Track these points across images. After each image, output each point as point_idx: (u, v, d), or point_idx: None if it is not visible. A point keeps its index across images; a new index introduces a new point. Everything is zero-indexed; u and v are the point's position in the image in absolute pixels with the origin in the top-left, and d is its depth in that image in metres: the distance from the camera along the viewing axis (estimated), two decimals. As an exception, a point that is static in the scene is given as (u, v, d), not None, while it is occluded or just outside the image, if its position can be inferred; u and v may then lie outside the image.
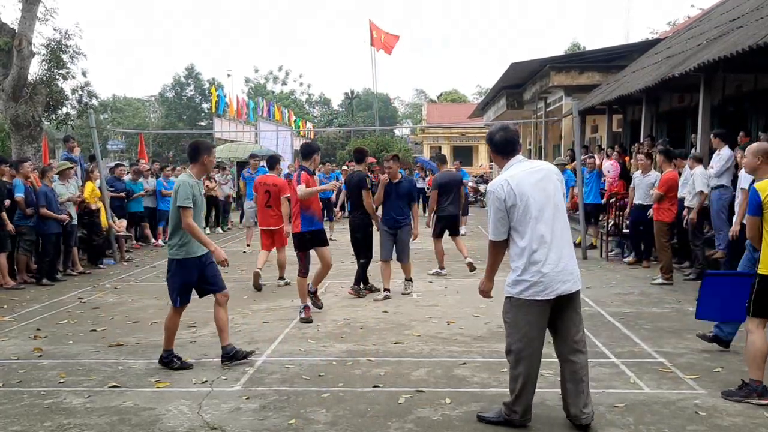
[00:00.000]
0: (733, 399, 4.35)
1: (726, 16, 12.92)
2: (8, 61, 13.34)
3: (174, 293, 5.19)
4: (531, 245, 3.72)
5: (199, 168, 5.25)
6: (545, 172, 3.84)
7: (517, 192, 3.71)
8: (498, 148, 3.95)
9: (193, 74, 56.82)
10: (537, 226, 3.71)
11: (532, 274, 3.72)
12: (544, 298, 3.73)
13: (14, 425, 4.12)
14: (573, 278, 3.78)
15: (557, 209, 3.79)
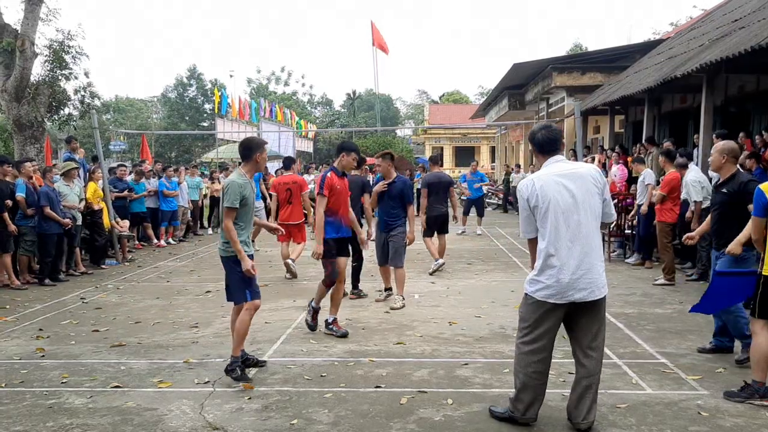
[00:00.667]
0: (735, 400, 4.34)
1: (728, 17, 12.91)
2: (11, 61, 13.37)
3: (243, 288, 4.90)
4: (549, 249, 3.70)
5: (251, 166, 5.02)
6: (578, 175, 3.75)
7: (541, 193, 3.70)
8: (539, 147, 3.91)
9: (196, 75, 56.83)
10: (558, 229, 3.68)
11: (547, 277, 3.71)
12: (557, 302, 3.72)
13: (17, 425, 4.12)
14: (592, 287, 3.71)
15: (586, 215, 3.70)
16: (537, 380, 3.87)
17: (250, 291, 4.91)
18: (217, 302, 7.81)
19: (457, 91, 68.40)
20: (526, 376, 3.86)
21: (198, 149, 51.89)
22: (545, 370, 3.88)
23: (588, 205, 3.72)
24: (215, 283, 9.05)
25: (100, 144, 11.84)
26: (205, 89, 55.22)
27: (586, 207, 3.71)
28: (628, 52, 19.26)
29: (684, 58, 11.67)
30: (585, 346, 3.83)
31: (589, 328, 3.83)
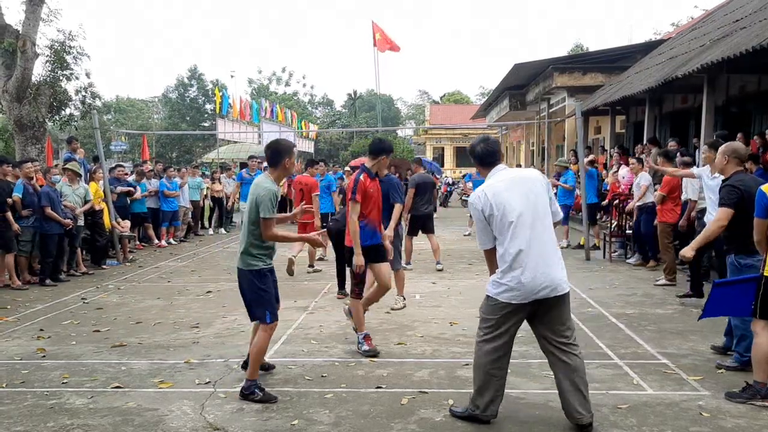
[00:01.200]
0: (736, 400, 4.34)
1: (729, 17, 12.90)
2: (12, 62, 13.39)
3: (263, 308, 4.61)
4: (509, 252, 3.79)
5: (280, 172, 4.73)
6: (526, 180, 3.91)
7: (494, 202, 3.81)
8: (480, 160, 4.07)
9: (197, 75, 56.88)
10: (515, 233, 3.77)
11: (509, 279, 3.80)
12: (520, 302, 3.81)
13: (17, 425, 4.12)
14: (553, 284, 3.79)
15: (538, 216, 3.82)
16: (497, 378, 3.94)
17: (269, 313, 4.62)
18: (218, 302, 7.81)
19: (458, 92, 68.43)
20: (486, 374, 3.93)
21: (199, 150, 51.93)
22: (505, 368, 3.98)
23: (539, 206, 3.85)
24: (216, 284, 9.06)
25: (101, 144, 11.84)
26: (206, 89, 55.25)
27: (538, 208, 3.84)
28: (629, 52, 19.24)
29: (685, 58, 11.66)
30: (558, 342, 3.88)
31: (559, 323, 3.89)
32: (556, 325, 3.89)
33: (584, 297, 7.80)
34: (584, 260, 10.72)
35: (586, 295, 7.88)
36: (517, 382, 4.79)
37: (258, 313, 4.65)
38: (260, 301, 4.62)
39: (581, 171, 11.67)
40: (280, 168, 4.71)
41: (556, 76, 19.28)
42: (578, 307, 7.26)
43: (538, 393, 4.56)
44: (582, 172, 11.55)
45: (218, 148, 28.41)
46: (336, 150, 49.91)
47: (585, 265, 10.27)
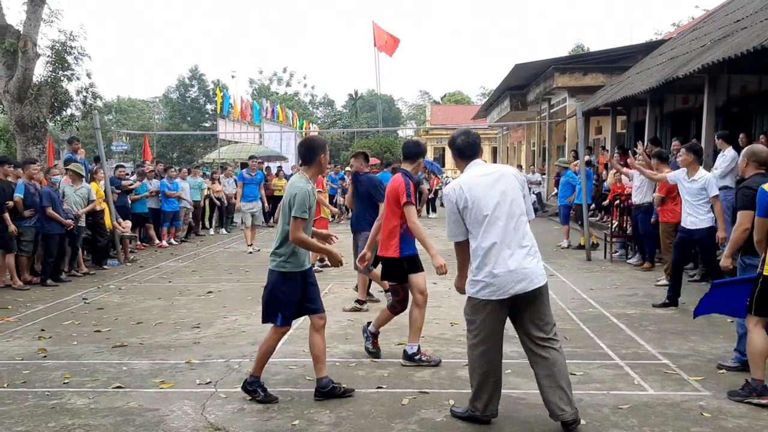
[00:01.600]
0: (735, 398, 4.35)
1: (730, 17, 12.89)
2: (13, 62, 13.40)
3: (276, 310, 4.47)
4: (482, 246, 3.81)
5: (315, 170, 4.57)
6: (500, 175, 3.93)
7: (469, 195, 3.83)
8: (460, 152, 4.08)
9: (197, 75, 56.91)
10: (488, 227, 3.80)
11: (485, 275, 3.80)
12: (499, 298, 3.79)
13: (19, 426, 4.13)
14: (529, 277, 3.77)
15: (513, 212, 3.83)
16: (492, 378, 3.94)
17: (282, 316, 4.48)
18: (219, 303, 7.82)
19: (459, 92, 68.43)
20: (481, 376, 3.93)
21: (200, 150, 51.94)
22: (498, 367, 3.97)
23: (514, 202, 3.86)
24: (217, 284, 9.06)
25: (102, 145, 11.85)
26: (207, 90, 55.28)
27: (512, 203, 3.85)
28: (630, 52, 19.24)
29: (686, 58, 11.66)
30: (536, 338, 3.86)
31: (537, 318, 3.86)
32: (535, 319, 3.87)
33: (585, 297, 7.80)
34: (585, 260, 10.71)
35: (587, 296, 7.88)
36: (518, 383, 4.80)
37: (269, 313, 4.51)
38: (275, 302, 4.47)
39: (581, 171, 11.66)
40: (315, 165, 4.55)
41: (556, 77, 19.28)
42: (579, 307, 7.26)
43: (538, 393, 4.55)
44: (582, 172, 11.53)
45: (219, 149, 28.41)
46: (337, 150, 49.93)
47: (586, 266, 10.26)
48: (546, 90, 21.04)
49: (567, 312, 7.05)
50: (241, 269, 10.43)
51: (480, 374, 3.93)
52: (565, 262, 10.49)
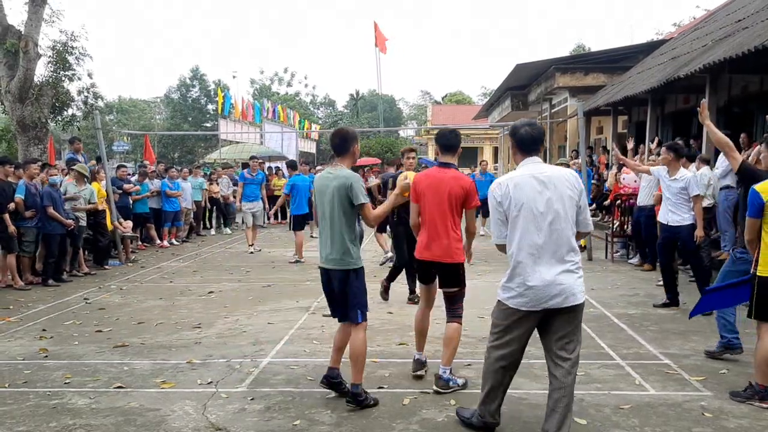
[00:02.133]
0: (737, 399, 4.36)
1: (731, 17, 12.89)
2: (14, 62, 13.42)
3: (357, 306, 4.38)
4: (519, 254, 3.55)
5: (350, 160, 4.46)
6: (556, 179, 3.55)
7: (514, 195, 3.55)
8: (522, 144, 3.69)
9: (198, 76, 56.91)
10: (528, 235, 3.52)
11: (518, 284, 3.57)
12: (530, 309, 3.57)
13: (20, 425, 4.13)
14: (565, 293, 3.50)
15: (559, 220, 3.51)
16: (505, 385, 3.82)
17: (363, 310, 4.41)
18: (220, 303, 7.82)
19: (460, 92, 68.38)
20: (494, 381, 3.78)
21: (201, 150, 51.94)
22: (512, 375, 3.82)
23: (562, 211, 3.52)
24: (218, 284, 9.07)
25: (103, 145, 11.86)
26: (208, 90, 55.29)
27: (560, 212, 3.52)
28: (631, 52, 19.23)
29: (687, 58, 11.66)
30: (555, 355, 3.62)
31: (559, 336, 3.60)
32: (561, 337, 3.60)
33: (586, 297, 7.78)
34: (586, 260, 10.71)
35: (588, 296, 7.87)
36: (520, 383, 4.79)
37: (353, 312, 4.38)
38: (363, 300, 4.40)
39: (583, 170, 11.65)
40: (349, 155, 4.46)
41: (558, 77, 19.28)
42: (580, 307, 7.26)
43: (540, 393, 4.55)
44: (584, 172, 11.52)
45: (220, 149, 28.42)
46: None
47: (587, 266, 10.24)
48: (547, 90, 21.04)
49: (568, 312, 7.05)
50: (242, 269, 10.43)
51: (494, 379, 3.77)
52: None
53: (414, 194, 4.75)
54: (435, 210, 4.65)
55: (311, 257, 11.51)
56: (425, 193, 4.70)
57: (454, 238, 4.66)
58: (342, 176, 4.32)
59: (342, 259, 4.34)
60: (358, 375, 4.37)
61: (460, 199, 4.65)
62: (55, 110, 14.75)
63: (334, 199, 4.31)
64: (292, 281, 9.29)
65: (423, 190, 4.71)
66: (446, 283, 4.71)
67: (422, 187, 4.72)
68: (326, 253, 4.39)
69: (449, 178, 4.68)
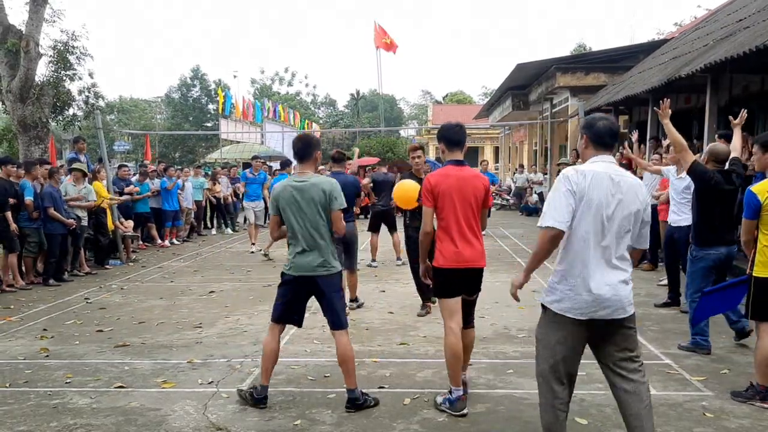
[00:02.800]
0: (738, 399, 4.36)
1: (732, 17, 12.88)
2: (15, 62, 13.42)
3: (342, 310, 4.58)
4: (576, 255, 3.25)
5: (314, 165, 4.50)
6: (628, 185, 3.26)
7: (589, 189, 3.20)
8: (598, 138, 3.35)
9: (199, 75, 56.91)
10: (592, 236, 3.21)
11: (569, 287, 3.26)
12: (577, 317, 3.25)
13: (21, 425, 4.13)
14: (617, 305, 3.23)
15: (621, 228, 3.24)
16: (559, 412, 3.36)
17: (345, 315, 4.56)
18: (221, 303, 7.82)
19: (461, 92, 68.36)
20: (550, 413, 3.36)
21: (202, 150, 51.95)
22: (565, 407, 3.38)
23: (627, 219, 3.25)
24: (219, 284, 9.07)
25: (104, 144, 11.87)
26: (209, 90, 55.30)
27: (624, 220, 3.24)
28: (632, 52, 19.21)
29: (688, 58, 11.64)
30: (621, 369, 3.34)
31: (620, 348, 3.34)
32: (620, 349, 3.33)
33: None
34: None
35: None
36: (520, 382, 4.80)
37: (342, 317, 4.45)
38: (341, 303, 4.50)
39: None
40: (312, 161, 4.46)
41: (558, 76, 19.27)
42: (581, 307, 7.25)
43: (540, 393, 4.56)
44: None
45: (221, 148, 28.44)
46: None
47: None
48: (548, 90, 21.03)
49: (569, 312, 7.05)
50: (243, 269, 10.43)
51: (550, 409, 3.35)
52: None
53: (430, 197, 4.31)
54: (462, 213, 4.29)
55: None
56: (448, 196, 4.28)
57: (481, 240, 4.41)
58: (322, 181, 4.36)
59: (326, 264, 4.35)
60: (352, 379, 4.35)
61: (482, 198, 4.38)
62: (56, 110, 14.74)
63: (317, 204, 4.29)
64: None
65: (444, 192, 4.28)
66: (473, 289, 4.42)
67: (442, 189, 4.28)
68: (308, 260, 4.33)
69: (471, 177, 4.37)
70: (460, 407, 4.23)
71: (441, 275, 4.32)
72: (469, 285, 4.38)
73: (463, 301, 4.38)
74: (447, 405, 4.26)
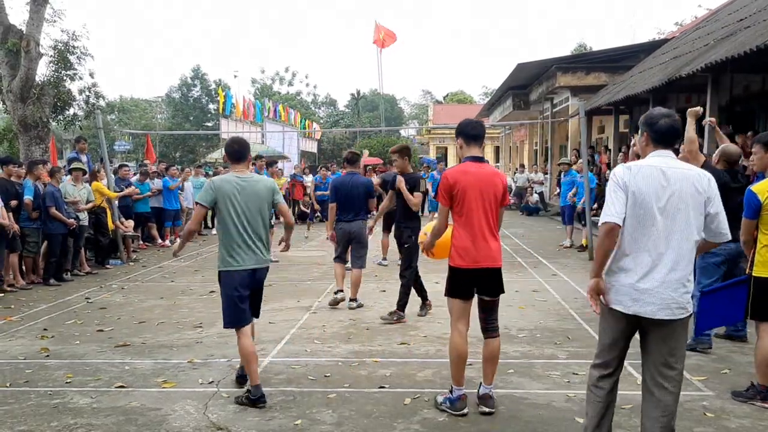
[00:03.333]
0: (739, 399, 4.36)
1: (733, 16, 12.87)
2: (16, 62, 13.43)
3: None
4: (625, 248, 3.22)
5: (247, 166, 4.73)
6: (685, 178, 3.19)
7: (638, 184, 3.17)
8: (660, 135, 3.31)
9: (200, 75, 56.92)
10: (642, 230, 3.17)
11: (616, 278, 3.25)
12: (620, 309, 3.24)
13: (21, 425, 4.13)
14: (664, 304, 3.14)
15: (678, 223, 3.16)
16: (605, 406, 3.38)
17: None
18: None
19: (462, 91, 68.36)
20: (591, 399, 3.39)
21: (202, 149, 51.97)
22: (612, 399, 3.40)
23: (683, 212, 3.17)
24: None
25: (104, 144, 11.87)
26: (209, 89, 55.31)
27: (681, 214, 3.17)
28: (633, 51, 19.21)
29: (689, 57, 11.64)
30: (655, 372, 3.28)
31: (659, 351, 3.25)
32: (663, 351, 3.25)
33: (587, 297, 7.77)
34: (588, 260, 10.69)
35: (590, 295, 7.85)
36: (520, 382, 4.79)
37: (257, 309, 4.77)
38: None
39: (584, 170, 11.63)
40: (246, 162, 4.68)
41: (559, 76, 19.27)
42: (581, 307, 7.25)
43: (540, 393, 4.56)
44: (585, 172, 11.50)
45: (221, 148, 28.42)
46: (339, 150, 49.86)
47: (588, 265, 10.24)
48: (548, 89, 21.03)
49: (569, 311, 7.05)
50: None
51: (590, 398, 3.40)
52: (567, 262, 10.47)
53: (447, 196, 4.18)
54: (482, 211, 4.16)
55: (305, 257, 11.54)
56: (468, 193, 4.14)
57: (498, 239, 4.28)
58: (264, 179, 4.69)
59: (266, 256, 4.61)
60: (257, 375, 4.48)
61: (500, 196, 4.27)
62: (56, 110, 14.75)
63: (261, 200, 4.54)
64: (293, 281, 9.29)
65: (463, 190, 4.13)
66: (491, 290, 4.24)
67: (462, 187, 4.13)
68: (254, 254, 4.50)
69: (491, 175, 4.27)
70: (461, 407, 4.19)
71: (456, 275, 4.20)
72: (486, 285, 4.22)
73: (483, 303, 4.28)
74: (448, 404, 4.23)
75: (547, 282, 8.69)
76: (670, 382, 3.25)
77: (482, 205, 4.17)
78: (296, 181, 18.68)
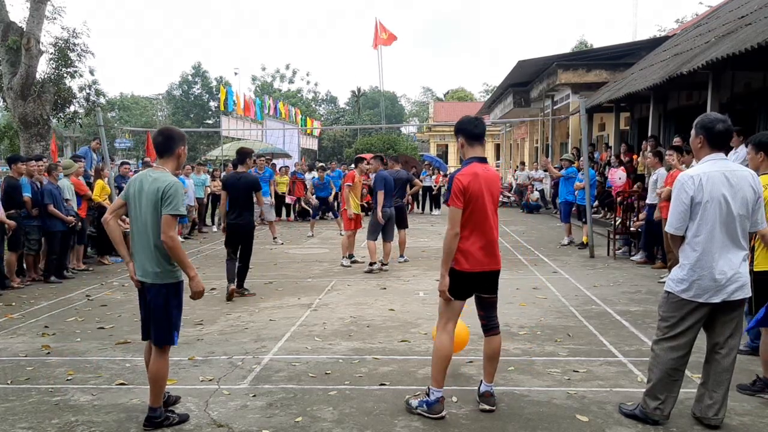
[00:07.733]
0: (746, 392, 4.38)
1: (734, 13, 12.86)
2: (16, 59, 13.44)
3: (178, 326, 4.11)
4: (701, 249, 3.69)
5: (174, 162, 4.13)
6: (741, 178, 3.71)
7: (707, 190, 3.65)
8: (716, 139, 3.76)
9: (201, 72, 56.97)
10: (714, 231, 3.66)
11: (697, 278, 3.70)
12: (702, 300, 3.71)
13: (22, 422, 4.14)
14: (741, 286, 3.72)
15: (739, 219, 3.68)
16: (674, 378, 3.86)
17: (177, 332, 4.07)
18: (222, 300, 7.83)
19: (462, 89, 68.32)
20: (663, 373, 3.84)
21: (203, 147, 52.01)
22: (683, 368, 3.88)
23: (743, 207, 3.69)
24: (220, 281, 9.06)
25: (105, 142, 11.86)
26: (210, 87, 55.34)
27: (740, 211, 3.68)
28: (634, 49, 19.21)
29: (690, 55, 11.63)
30: (717, 346, 3.83)
31: (723, 328, 3.81)
32: (727, 327, 3.81)
33: (588, 294, 7.79)
34: (588, 257, 10.70)
35: (590, 293, 7.87)
36: (521, 380, 4.80)
37: (166, 333, 3.98)
38: (176, 318, 4.03)
39: (585, 168, 11.62)
40: (173, 158, 4.08)
41: (560, 73, 19.26)
42: (582, 304, 7.25)
43: (541, 390, 4.56)
44: (586, 170, 11.49)
45: (222, 145, 28.43)
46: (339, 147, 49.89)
47: (589, 263, 10.24)
48: (549, 87, 21.02)
49: (570, 309, 7.05)
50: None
51: (662, 371, 3.86)
52: (568, 259, 10.48)
53: (462, 199, 4.01)
54: (491, 214, 4.12)
55: (306, 254, 11.55)
56: (480, 197, 4.05)
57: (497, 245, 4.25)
58: (162, 179, 3.90)
59: (160, 272, 3.95)
60: (157, 398, 4.01)
61: (498, 197, 4.33)
62: (57, 107, 14.77)
63: (149, 203, 3.91)
64: (293, 278, 9.29)
65: (476, 194, 4.02)
66: (492, 288, 4.25)
67: (474, 191, 4.02)
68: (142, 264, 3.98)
69: (495, 177, 4.22)
70: (438, 410, 4.05)
71: (462, 278, 4.08)
72: (487, 286, 4.21)
73: (482, 301, 4.25)
74: (424, 408, 4.08)
75: (547, 279, 8.70)
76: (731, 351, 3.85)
77: (491, 209, 4.11)
78: (297, 179, 18.68)
